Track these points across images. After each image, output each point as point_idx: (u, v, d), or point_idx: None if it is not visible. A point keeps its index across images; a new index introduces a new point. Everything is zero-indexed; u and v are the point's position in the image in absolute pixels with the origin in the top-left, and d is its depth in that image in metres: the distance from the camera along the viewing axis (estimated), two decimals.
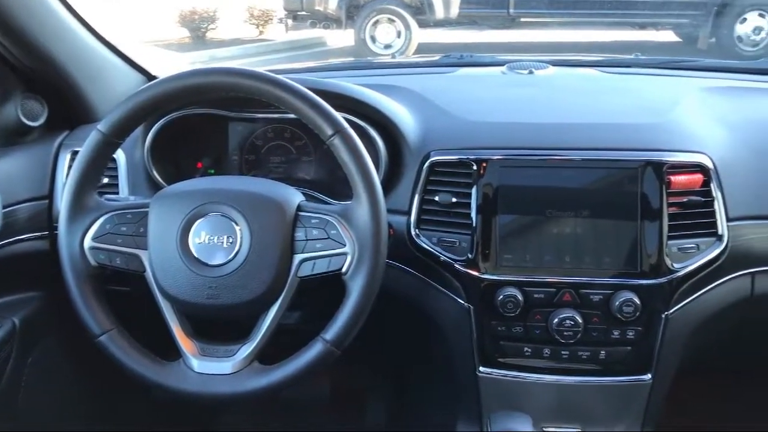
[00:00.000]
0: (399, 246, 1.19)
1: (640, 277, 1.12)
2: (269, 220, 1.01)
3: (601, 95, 1.38)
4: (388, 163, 1.24)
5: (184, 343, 1.04)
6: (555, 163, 1.15)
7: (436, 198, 1.18)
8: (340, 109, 1.13)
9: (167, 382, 1.03)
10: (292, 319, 1.33)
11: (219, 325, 1.12)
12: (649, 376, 1.18)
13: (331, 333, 1.00)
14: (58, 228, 1.05)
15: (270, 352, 1.04)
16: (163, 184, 1.25)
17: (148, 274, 1.03)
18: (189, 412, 1.70)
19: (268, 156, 1.37)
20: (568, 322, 1.13)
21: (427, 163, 1.19)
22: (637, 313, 1.12)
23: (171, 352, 1.06)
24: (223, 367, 1.03)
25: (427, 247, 1.18)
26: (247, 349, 1.03)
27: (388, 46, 7.63)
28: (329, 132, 1.00)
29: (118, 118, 1.03)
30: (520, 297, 1.14)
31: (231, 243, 1.01)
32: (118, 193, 1.29)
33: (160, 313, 1.05)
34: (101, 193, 1.11)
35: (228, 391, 1.02)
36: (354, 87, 1.26)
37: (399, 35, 7.63)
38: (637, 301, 1.12)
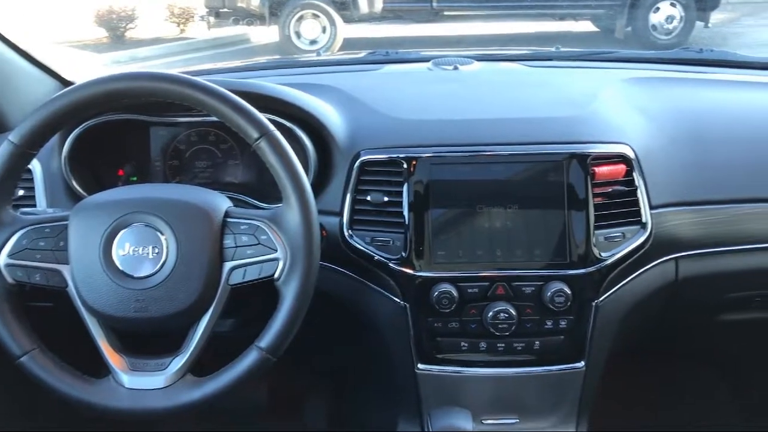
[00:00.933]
0: (332, 247, 1.17)
1: (569, 267, 1.15)
2: (196, 228, 0.98)
3: (525, 89, 1.40)
4: (318, 164, 1.22)
5: (113, 358, 1.01)
6: (483, 159, 1.16)
7: (368, 197, 1.17)
8: (265, 110, 1.11)
9: (96, 400, 1.00)
10: (227, 327, 1.30)
11: (148, 338, 1.08)
12: (582, 364, 1.20)
13: (265, 340, 0.98)
14: None
15: (205, 361, 1.02)
16: (84, 195, 1.20)
17: (71, 289, 0.99)
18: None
19: (192, 161, 1.33)
20: (502, 314, 1.14)
21: (357, 163, 1.18)
22: (569, 303, 1.14)
23: (100, 369, 1.02)
24: (155, 381, 0.99)
25: (361, 248, 1.17)
26: (179, 362, 1.00)
27: (313, 42, 7.59)
28: (254, 135, 0.98)
29: (31, 127, 0.98)
30: (454, 292, 1.14)
31: (157, 253, 0.98)
32: (35, 205, 1.23)
33: (86, 328, 1.01)
34: (17, 207, 1.06)
35: (161, 406, 0.99)
36: (279, 87, 1.24)
37: (324, 31, 7.60)
38: (568, 291, 1.14)
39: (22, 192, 1.22)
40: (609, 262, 1.15)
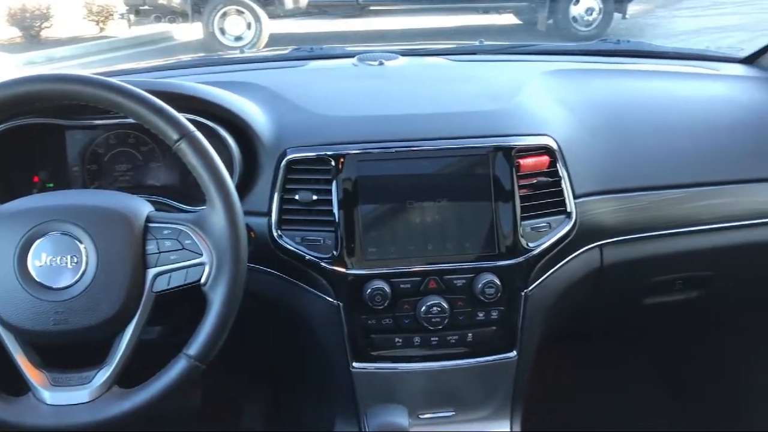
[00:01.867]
0: (261, 248, 1.15)
1: (498, 258, 1.16)
2: (116, 235, 0.95)
3: (450, 84, 1.41)
4: (243, 164, 1.20)
5: (32, 374, 0.96)
6: (411, 154, 1.16)
7: (296, 196, 1.15)
8: (186, 110, 1.08)
9: (16, 419, 0.95)
10: (155, 334, 1.26)
11: (71, 351, 1.04)
12: (514, 353, 1.22)
13: (194, 348, 0.95)
14: None
15: (134, 371, 0.98)
16: None
17: None
18: None
19: (112, 165, 1.29)
20: (435, 308, 1.15)
21: (284, 162, 1.16)
22: (499, 294, 1.15)
23: (21, 386, 0.97)
24: (79, 395, 0.95)
25: (291, 248, 1.15)
26: (104, 374, 0.96)
27: (238, 38, 7.47)
28: (174, 137, 0.95)
29: None
30: (387, 289, 1.14)
31: (76, 263, 0.94)
32: None
33: (1, 344, 0.96)
34: None
35: (88, 421, 0.95)
36: (199, 86, 1.20)
37: (249, 27, 7.50)
38: (498, 282, 1.15)
39: None
40: (536, 251, 1.17)
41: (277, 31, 7.62)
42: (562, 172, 1.19)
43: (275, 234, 1.15)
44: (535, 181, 1.19)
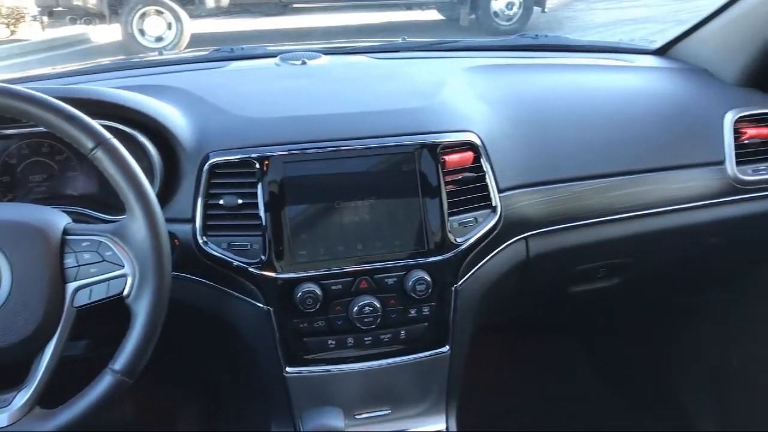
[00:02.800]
0: (187, 256, 1.13)
1: (428, 255, 1.17)
2: (31, 249, 0.91)
3: (374, 82, 1.41)
4: (164, 170, 1.17)
5: None
6: (337, 154, 1.15)
7: (221, 201, 1.13)
8: (101, 116, 1.05)
9: None
10: (79, 349, 1.22)
11: None
12: (447, 348, 1.23)
13: (120, 362, 0.92)
14: None
15: (58, 389, 0.94)
16: None
17: None
18: None
19: (26, 175, 1.23)
20: (367, 308, 1.15)
21: (206, 166, 1.13)
22: (429, 290, 1.16)
23: None
24: None
25: (217, 254, 1.13)
26: (24, 396, 0.92)
27: (159, 39, 7.28)
28: (89, 145, 0.92)
29: None
30: (318, 291, 1.13)
31: None
32: None
33: None
34: None
35: None
36: (115, 91, 1.16)
37: (170, 27, 7.32)
38: (428, 279, 1.16)
39: None
40: (464, 246, 1.19)
41: (199, 31, 7.46)
42: (486, 167, 1.21)
43: (200, 241, 1.13)
44: (460, 176, 1.20)
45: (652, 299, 1.79)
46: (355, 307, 1.15)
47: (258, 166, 1.13)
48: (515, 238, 1.28)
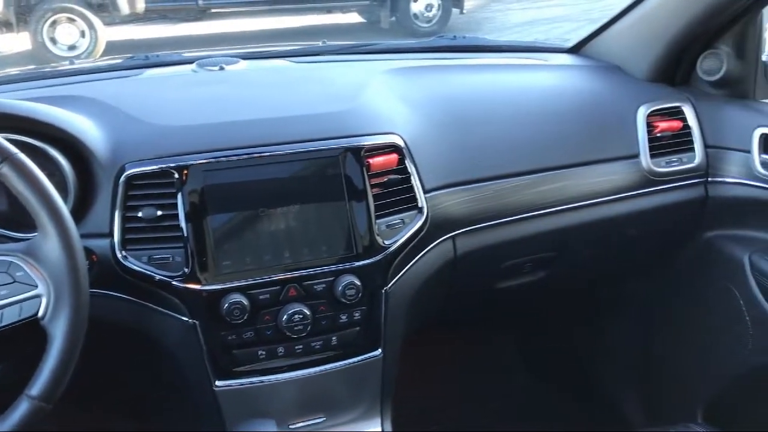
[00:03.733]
0: (105, 272, 1.08)
1: (357, 259, 1.16)
2: None
3: (295, 86, 1.40)
4: (79, 184, 1.12)
5: None
6: (259, 161, 1.13)
7: (140, 214, 1.09)
8: (9, 130, 1.00)
9: None
10: None
11: None
12: (379, 351, 1.23)
13: (36, 387, 0.88)
14: None
15: None
16: None
17: None
18: None
19: None
20: (297, 316, 1.13)
21: (122, 178, 1.09)
22: (360, 294, 1.16)
23: None
24: None
25: (138, 268, 1.09)
26: None
27: (72, 48, 7.03)
28: None
29: None
30: (245, 302, 1.11)
31: None
32: None
33: None
34: None
35: None
36: (22, 103, 1.11)
37: (83, 35, 7.07)
38: (358, 283, 1.15)
39: None
40: (393, 248, 1.19)
41: (114, 39, 7.24)
42: (410, 168, 1.21)
43: (119, 255, 1.09)
44: (385, 179, 1.20)
45: (577, 291, 1.84)
46: (285, 316, 1.13)
47: (176, 175, 1.10)
48: (443, 238, 1.28)
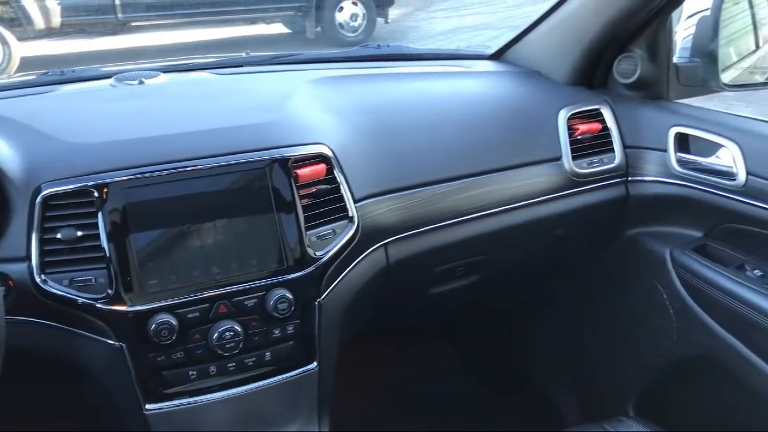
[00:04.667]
0: (24, 297, 1.04)
1: (288, 272, 1.15)
2: None
3: (218, 99, 1.37)
4: None
5: None
6: (182, 176, 1.10)
7: (59, 235, 1.05)
8: None
9: None
10: None
11: None
12: (315, 364, 1.21)
13: None
14: None
15: None
16: None
17: None
18: None
19: None
20: (228, 333, 1.11)
21: (39, 198, 1.05)
22: (292, 308, 1.14)
23: None
24: None
25: (59, 292, 1.04)
26: None
27: None
28: None
29: None
30: (174, 321, 1.07)
31: None
32: None
33: None
34: None
35: None
36: None
37: None
38: (290, 296, 1.14)
39: None
40: (324, 259, 1.18)
41: (29, 54, 6.97)
42: (339, 178, 1.21)
43: (38, 279, 1.04)
44: (314, 189, 1.19)
45: (509, 293, 1.86)
46: (215, 334, 1.10)
47: (96, 194, 1.06)
48: (375, 246, 1.28)
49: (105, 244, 1.05)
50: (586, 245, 1.67)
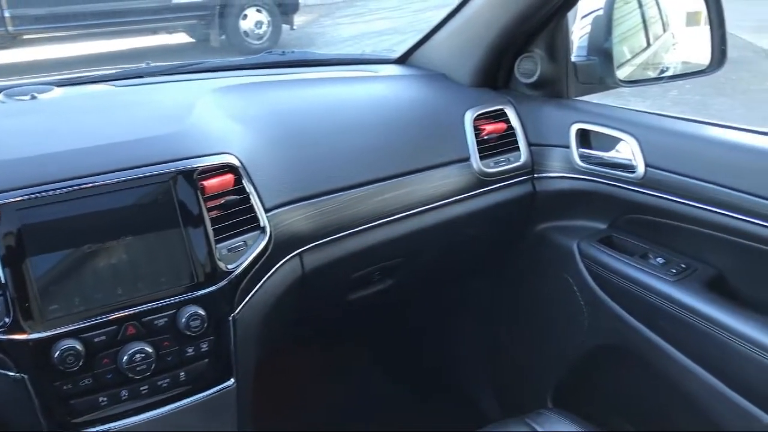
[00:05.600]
0: None
1: (198, 287, 1.11)
2: None
3: (117, 111, 1.31)
4: None
5: None
6: (80, 194, 1.05)
7: None
8: None
9: None
10: None
11: None
12: (232, 381, 1.18)
13: None
14: None
15: None
16: None
17: None
18: None
19: None
20: (138, 355, 1.06)
21: None
22: (206, 325, 1.10)
23: None
24: None
25: None
26: None
27: None
28: None
29: None
30: (79, 346, 1.02)
31: None
32: None
33: None
34: None
35: None
36: None
37: None
38: (203, 313, 1.10)
39: None
40: (237, 272, 1.14)
41: None
42: (248, 188, 1.18)
43: None
44: (223, 201, 1.15)
45: (427, 294, 1.88)
46: (125, 357, 1.05)
47: None
48: (289, 256, 1.26)
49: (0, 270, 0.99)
50: (498, 243, 1.70)
